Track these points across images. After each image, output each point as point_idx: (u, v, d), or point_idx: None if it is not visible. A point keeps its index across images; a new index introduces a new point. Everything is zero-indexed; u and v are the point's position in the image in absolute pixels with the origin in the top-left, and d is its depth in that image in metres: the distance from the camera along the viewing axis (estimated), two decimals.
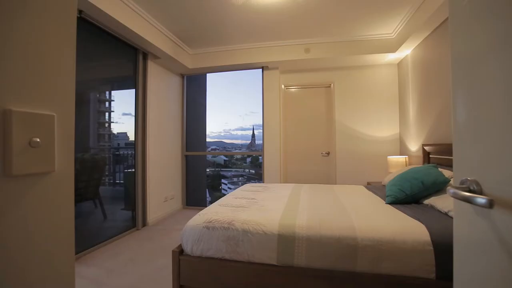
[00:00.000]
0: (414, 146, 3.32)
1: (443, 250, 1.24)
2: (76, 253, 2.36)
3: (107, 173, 3.64)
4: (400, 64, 3.76)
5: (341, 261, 1.36)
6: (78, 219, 2.78)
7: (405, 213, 1.64)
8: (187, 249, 1.58)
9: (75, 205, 2.77)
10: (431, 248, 1.25)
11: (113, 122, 3.46)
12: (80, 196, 2.78)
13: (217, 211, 1.74)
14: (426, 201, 1.82)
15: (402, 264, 1.29)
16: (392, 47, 3.43)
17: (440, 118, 2.64)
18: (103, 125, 3.43)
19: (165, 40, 3.34)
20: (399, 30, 3.25)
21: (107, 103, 3.52)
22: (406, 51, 3.39)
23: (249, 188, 2.67)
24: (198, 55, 4.01)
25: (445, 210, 1.55)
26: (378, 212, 1.71)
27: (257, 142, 5.42)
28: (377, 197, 2.24)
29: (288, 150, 4.20)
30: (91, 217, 2.98)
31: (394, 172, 2.80)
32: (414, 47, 3.23)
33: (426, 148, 2.85)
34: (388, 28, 3.30)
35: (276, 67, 4.01)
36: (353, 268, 1.35)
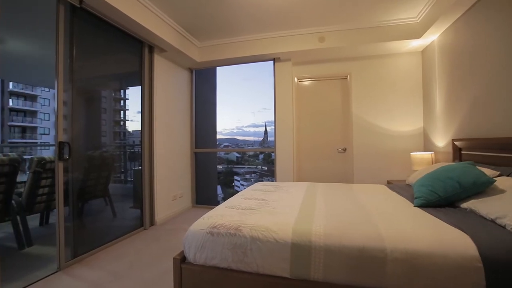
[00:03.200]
0: (441, 141, 3.01)
1: (496, 268, 1.01)
2: (81, 254, 2.28)
3: (122, 170, 3.60)
4: (424, 52, 3.43)
5: (366, 276, 1.15)
6: (88, 217, 2.72)
7: (440, 218, 1.40)
8: (190, 256, 1.42)
9: (86, 202, 2.74)
10: (481, 265, 1.02)
11: (127, 120, 3.39)
12: (90, 194, 2.71)
13: (223, 214, 1.57)
14: (464, 205, 1.57)
15: (442, 283, 1.07)
16: (417, 33, 3.11)
17: (475, 109, 2.34)
18: (119, 123, 3.38)
19: (171, 32, 3.19)
20: (424, 13, 2.94)
21: (122, 102, 3.47)
22: (432, 37, 3.07)
23: (259, 188, 2.49)
24: (207, 47, 3.85)
25: (492, 216, 1.30)
26: (407, 217, 1.48)
27: (269, 138, 5.24)
28: (403, 198, 2.00)
29: (302, 146, 3.98)
30: (101, 215, 2.91)
31: (420, 170, 2.53)
32: (441, 32, 2.91)
33: (457, 143, 2.56)
34: (412, 11, 2.99)
35: (289, 59, 3.78)
36: (381, 285, 1.14)
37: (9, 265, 2.20)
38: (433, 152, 3.04)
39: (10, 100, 22.94)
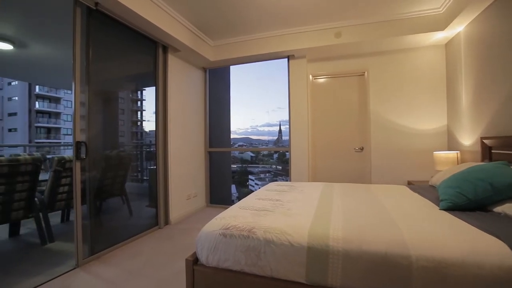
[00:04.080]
0: (467, 139, 2.82)
1: None
2: (98, 251, 2.32)
3: (139, 170, 3.68)
4: (448, 45, 3.23)
5: (389, 285, 1.07)
6: (106, 215, 2.78)
7: (470, 223, 1.29)
8: (202, 258, 1.39)
9: (103, 200, 2.81)
10: None
11: (144, 120, 3.45)
12: (107, 192, 2.77)
13: (236, 215, 1.53)
14: (498, 209, 1.44)
15: None
16: (440, 25, 2.93)
17: (508, 105, 2.16)
18: (135, 123, 3.45)
19: (185, 32, 3.20)
20: (449, 3, 2.75)
21: (138, 102, 3.54)
22: (457, 28, 2.87)
23: (274, 188, 2.44)
24: (220, 46, 3.83)
25: None
26: (433, 221, 1.37)
27: (284, 138, 5.21)
28: (426, 200, 1.88)
29: (317, 146, 3.87)
30: (118, 213, 2.97)
31: (445, 170, 2.38)
32: (469, 22, 2.71)
33: (486, 141, 2.38)
34: (435, 2, 2.82)
35: (303, 56, 3.69)
36: None
37: (33, 260, 2.29)
38: (458, 151, 2.86)
39: (37, 103, 24.27)
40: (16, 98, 23.53)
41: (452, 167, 2.40)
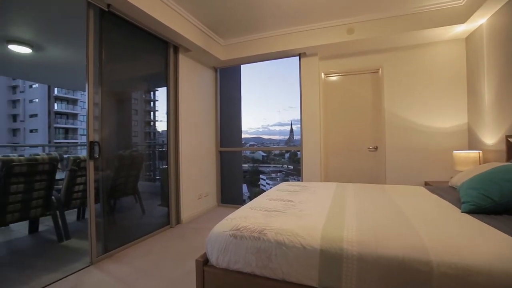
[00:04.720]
0: (490, 138, 2.67)
1: None
2: (111, 249, 2.36)
3: (151, 169, 3.73)
4: (469, 38, 3.07)
5: None
6: (119, 214, 2.82)
7: (496, 227, 1.20)
8: (212, 259, 1.37)
9: (117, 199, 2.85)
10: None
11: (157, 120, 3.49)
12: (120, 191, 2.81)
13: (247, 216, 1.50)
14: None
15: None
16: (461, 17, 2.79)
17: None
18: (148, 123, 3.50)
19: (196, 32, 3.20)
20: None
21: (151, 103, 3.58)
22: (479, 21, 2.73)
23: (285, 188, 2.39)
24: (231, 45, 3.82)
25: None
26: (455, 225, 1.29)
27: (295, 137, 5.15)
28: (446, 202, 1.78)
29: (329, 145, 3.79)
30: (130, 212, 3.02)
31: (467, 171, 2.26)
32: (491, 14, 2.57)
33: None
34: None
35: (315, 53, 3.61)
36: None
37: (50, 256, 2.36)
38: (480, 151, 2.71)
39: (55, 104, 25.25)
40: (37, 100, 24.55)
41: (474, 168, 2.28)
